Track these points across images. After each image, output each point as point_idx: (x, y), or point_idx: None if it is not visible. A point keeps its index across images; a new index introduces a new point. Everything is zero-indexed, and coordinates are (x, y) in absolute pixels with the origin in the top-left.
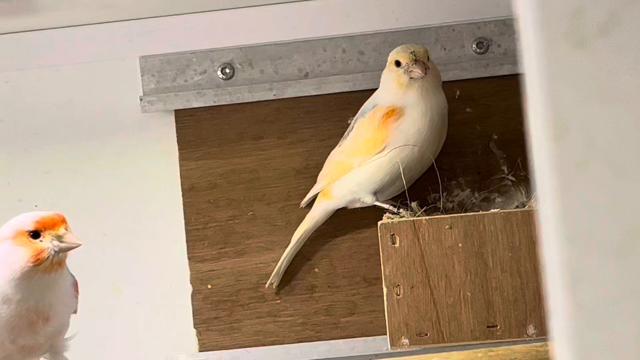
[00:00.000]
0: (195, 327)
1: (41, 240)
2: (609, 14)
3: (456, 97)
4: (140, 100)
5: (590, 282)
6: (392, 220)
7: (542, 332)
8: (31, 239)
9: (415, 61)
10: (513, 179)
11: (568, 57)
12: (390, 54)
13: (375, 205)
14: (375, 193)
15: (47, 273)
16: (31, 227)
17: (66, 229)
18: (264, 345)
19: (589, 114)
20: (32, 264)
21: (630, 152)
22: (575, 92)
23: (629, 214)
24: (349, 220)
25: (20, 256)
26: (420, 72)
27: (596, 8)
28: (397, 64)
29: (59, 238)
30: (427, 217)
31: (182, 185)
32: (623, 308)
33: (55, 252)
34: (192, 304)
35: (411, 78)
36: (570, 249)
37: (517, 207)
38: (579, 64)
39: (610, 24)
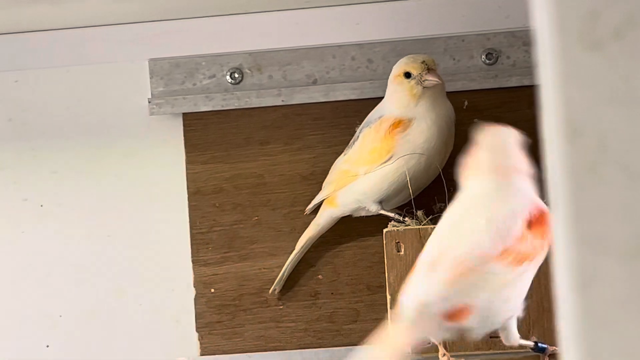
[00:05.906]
0: (197, 331)
1: None
2: (625, 16)
3: (464, 107)
4: (149, 102)
5: (600, 284)
6: (397, 228)
7: (545, 343)
8: None
9: (428, 70)
10: None
11: (583, 59)
12: (397, 66)
13: (380, 214)
14: (381, 202)
15: None
16: None
17: None
18: (265, 350)
19: (603, 117)
20: None
21: None
22: (589, 95)
23: None
24: (354, 228)
25: None
26: (436, 79)
27: (612, 10)
28: (407, 75)
29: None
30: (432, 226)
31: (188, 188)
32: (633, 310)
33: None
34: (195, 308)
35: (424, 87)
36: (581, 250)
37: None
38: (593, 66)
39: (626, 27)
